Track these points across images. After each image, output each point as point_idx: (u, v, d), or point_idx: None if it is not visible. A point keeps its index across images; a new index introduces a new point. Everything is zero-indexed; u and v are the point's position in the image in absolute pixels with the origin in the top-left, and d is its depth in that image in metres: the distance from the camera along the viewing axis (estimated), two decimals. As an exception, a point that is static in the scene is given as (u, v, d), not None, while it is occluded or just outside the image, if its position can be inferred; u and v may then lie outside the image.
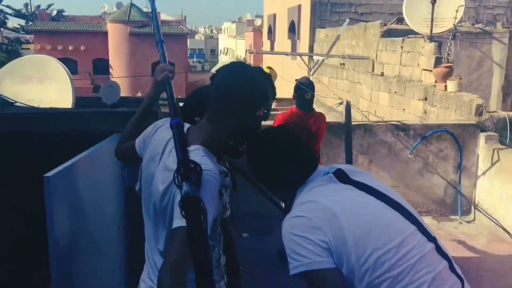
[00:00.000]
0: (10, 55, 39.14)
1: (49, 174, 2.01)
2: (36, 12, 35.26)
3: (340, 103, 3.59)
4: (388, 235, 1.44)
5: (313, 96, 4.13)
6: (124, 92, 28.81)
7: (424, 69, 6.91)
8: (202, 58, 57.57)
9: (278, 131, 1.70)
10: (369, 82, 8.75)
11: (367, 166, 5.59)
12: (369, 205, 1.50)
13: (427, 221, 5.59)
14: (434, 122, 5.81)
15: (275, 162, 1.60)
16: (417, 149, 5.56)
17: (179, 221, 1.37)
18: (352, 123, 5.71)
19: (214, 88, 1.60)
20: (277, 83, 16.06)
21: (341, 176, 1.59)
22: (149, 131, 1.72)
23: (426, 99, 6.74)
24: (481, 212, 5.37)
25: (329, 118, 9.86)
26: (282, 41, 15.97)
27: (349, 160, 3.74)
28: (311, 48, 12.50)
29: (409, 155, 5.52)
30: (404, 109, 7.44)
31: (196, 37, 69.09)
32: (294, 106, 4.20)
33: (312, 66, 5.26)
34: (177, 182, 1.38)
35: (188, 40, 51.33)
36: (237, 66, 1.64)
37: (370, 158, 5.59)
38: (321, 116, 4.19)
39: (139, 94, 24.54)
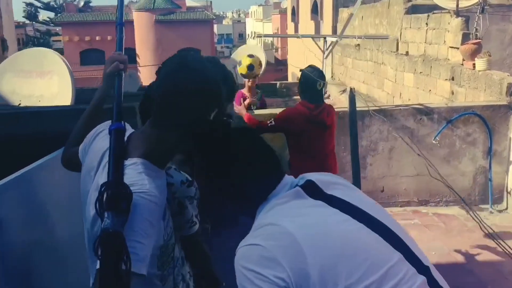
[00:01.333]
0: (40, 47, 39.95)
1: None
2: (64, 4, 35.64)
3: (344, 91, 3.21)
4: (365, 267, 1.13)
5: (324, 85, 3.75)
6: (151, 81, 29.14)
7: (450, 47, 6.42)
8: (230, 43, 57.06)
9: (237, 133, 1.39)
10: (394, 63, 8.28)
11: (387, 153, 5.22)
12: (343, 228, 1.20)
13: (455, 211, 5.21)
14: (460, 104, 5.36)
15: (232, 173, 1.30)
16: (442, 134, 5.14)
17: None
18: (371, 108, 5.35)
19: (157, 86, 1.31)
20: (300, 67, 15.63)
21: (312, 190, 1.28)
22: (89, 137, 1.45)
23: (453, 79, 6.26)
24: (514, 200, 4.94)
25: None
26: (306, 23, 15.49)
27: (354, 153, 3.40)
28: (334, 29, 12.02)
29: (434, 141, 5.11)
30: (430, 90, 6.97)
31: (224, 22, 68.65)
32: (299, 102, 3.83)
33: (325, 48, 4.88)
34: (99, 212, 1.11)
35: (216, 25, 51.07)
36: (184, 58, 1.33)
37: (391, 145, 5.21)
38: (331, 108, 3.82)
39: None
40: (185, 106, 1.27)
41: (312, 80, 3.56)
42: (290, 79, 17.56)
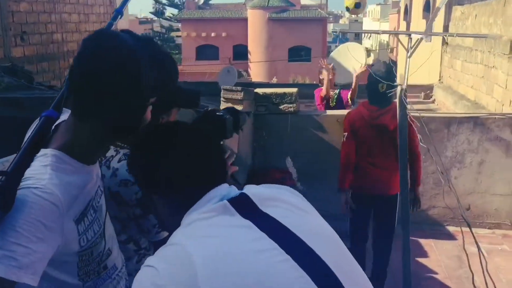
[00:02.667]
0: (163, 42, 42.63)
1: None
2: (185, 1, 37.58)
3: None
4: None
5: (392, 86, 3.33)
6: (261, 78, 29.27)
7: None
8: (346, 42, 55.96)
9: (172, 128, 1.19)
10: (506, 67, 7.37)
11: (476, 167, 4.62)
12: (260, 260, 0.95)
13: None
14: None
15: (159, 173, 1.11)
16: (546, 149, 4.43)
17: None
18: (460, 115, 4.79)
19: (74, 67, 1.14)
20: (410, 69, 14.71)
21: (243, 205, 1.06)
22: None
23: None
24: None
25: (459, 107, 8.66)
26: (417, 21, 14.53)
27: (403, 167, 2.98)
28: (445, 28, 11.11)
29: (534, 157, 4.42)
30: (544, 99, 6.08)
31: (341, 21, 67.56)
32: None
33: (409, 46, 4.42)
34: None
35: (332, 24, 50.38)
36: (105, 34, 1.14)
37: (481, 159, 4.60)
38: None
39: (274, 80, 24.68)
40: (94, 90, 1.09)
41: (373, 78, 3.21)
42: (399, 80, 16.64)
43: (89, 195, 1.20)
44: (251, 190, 1.10)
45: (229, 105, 4.55)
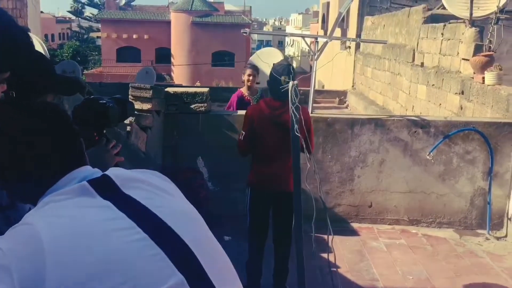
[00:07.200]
0: (82, 43, 41.02)
1: None
2: (105, 1, 36.48)
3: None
4: (125, 287, 0.89)
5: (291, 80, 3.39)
6: (184, 81, 28.83)
7: (463, 59, 6.00)
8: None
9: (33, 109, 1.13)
10: (409, 74, 7.87)
11: (377, 166, 4.87)
12: (114, 239, 0.94)
13: (447, 234, 4.81)
14: (460, 119, 4.96)
15: (4, 153, 1.05)
16: (438, 149, 4.76)
17: None
18: (363, 117, 5.03)
19: None
20: (327, 75, 15.27)
21: (104, 187, 1.04)
22: None
23: (462, 93, 5.84)
24: (512, 228, 4.51)
25: (369, 111, 9.09)
26: (334, 31, 15.14)
27: (296, 163, 3.09)
28: (358, 37, 11.65)
29: (428, 156, 4.74)
30: (440, 104, 6.55)
31: (265, 28, 68.68)
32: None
33: (316, 50, 4.60)
34: None
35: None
36: None
37: (382, 158, 4.86)
38: (302, 107, 3.48)
39: (197, 84, 24.54)
40: None
41: (276, 73, 3.27)
42: (317, 87, 17.20)
43: None
44: (114, 172, 1.09)
45: (138, 103, 4.47)
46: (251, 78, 5.30)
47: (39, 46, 5.83)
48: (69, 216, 0.97)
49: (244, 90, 5.42)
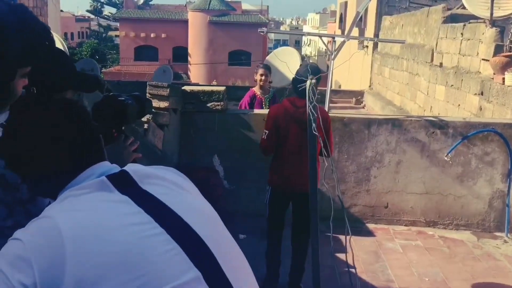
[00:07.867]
0: (101, 42, 41.45)
1: None
2: (123, 0, 36.79)
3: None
4: (135, 286, 0.90)
5: (318, 79, 3.40)
6: (201, 80, 29.00)
7: (483, 59, 5.93)
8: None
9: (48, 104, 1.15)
10: (427, 74, 7.80)
11: (394, 167, 4.84)
12: (132, 233, 0.96)
13: (464, 236, 4.75)
14: (479, 120, 4.89)
15: (25, 148, 1.07)
16: (456, 151, 4.71)
17: None
18: (380, 117, 5.00)
19: None
20: (344, 75, 15.18)
21: (122, 182, 1.06)
22: None
23: (482, 93, 5.77)
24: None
25: (386, 112, 9.02)
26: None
27: (312, 162, 3.08)
28: (376, 37, 11.58)
29: (445, 158, 4.69)
30: (459, 105, 6.48)
31: (282, 28, 68.63)
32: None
33: (333, 49, 4.59)
34: None
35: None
36: None
37: (399, 158, 4.82)
38: (319, 107, 3.48)
39: (214, 83, 24.63)
40: None
41: (303, 72, 3.27)
42: (333, 86, 17.12)
43: None
44: (132, 167, 1.10)
45: (155, 101, 4.50)
46: (263, 77, 5.33)
47: (59, 44, 5.90)
48: (88, 210, 0.99)
49: (256, 90, 5.44)
